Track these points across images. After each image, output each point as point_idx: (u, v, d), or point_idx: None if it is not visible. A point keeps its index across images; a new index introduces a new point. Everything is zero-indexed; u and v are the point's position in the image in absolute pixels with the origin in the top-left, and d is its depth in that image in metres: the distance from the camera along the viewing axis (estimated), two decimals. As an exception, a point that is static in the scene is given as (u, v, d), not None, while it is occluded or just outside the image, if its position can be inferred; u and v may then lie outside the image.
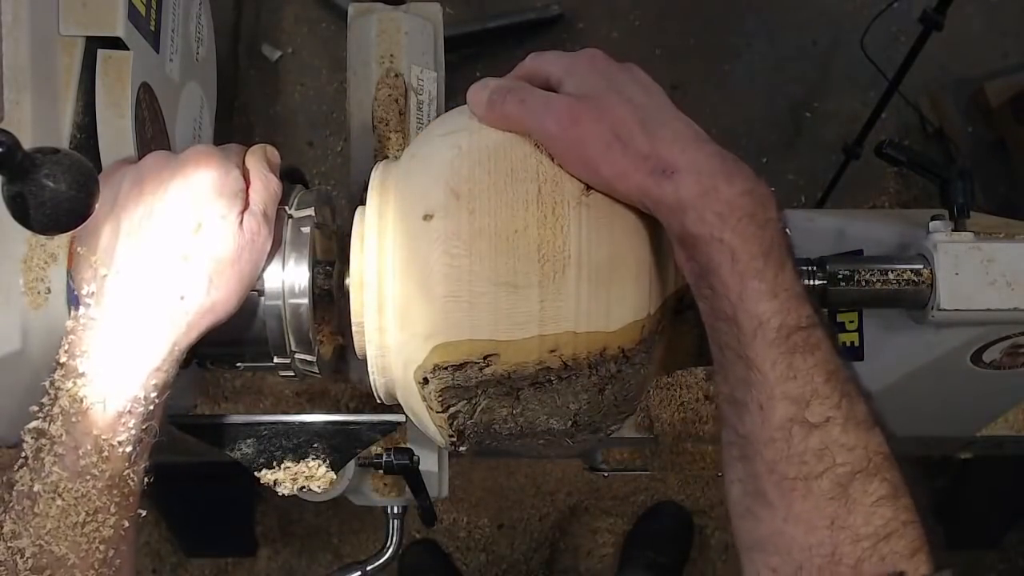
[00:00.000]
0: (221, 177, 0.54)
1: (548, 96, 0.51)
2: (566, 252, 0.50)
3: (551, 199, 0.50)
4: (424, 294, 0.51)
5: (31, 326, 0.57)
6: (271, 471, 0.65)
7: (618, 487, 1.73)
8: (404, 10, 0.82)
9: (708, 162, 0.47)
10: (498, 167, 0.51)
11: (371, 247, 0.54)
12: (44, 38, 0.60)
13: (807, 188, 1.80)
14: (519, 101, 0.51)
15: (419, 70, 0.79)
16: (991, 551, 1.72)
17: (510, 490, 1.74)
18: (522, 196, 0.50)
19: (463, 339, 0.51)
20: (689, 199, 0.47)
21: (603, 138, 0.49)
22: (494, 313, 0.50)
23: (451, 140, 0.54)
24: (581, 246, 0.50)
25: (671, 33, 1.85)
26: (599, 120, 0.49)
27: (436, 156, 0.53)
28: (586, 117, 0.49)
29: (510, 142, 0.52)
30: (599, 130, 0.49)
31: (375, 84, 0.77)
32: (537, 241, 0.50)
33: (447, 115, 0.58)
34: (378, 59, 0.78)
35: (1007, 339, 0.74)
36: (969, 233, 0.70)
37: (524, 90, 0.52)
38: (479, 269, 0.50)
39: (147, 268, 0.51)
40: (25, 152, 0.43)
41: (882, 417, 0.48)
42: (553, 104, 0.50)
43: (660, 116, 0.50)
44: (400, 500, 0.83)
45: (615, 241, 0.51)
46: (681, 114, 0.51)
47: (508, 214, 0.50)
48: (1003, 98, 1.74)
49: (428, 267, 0.51)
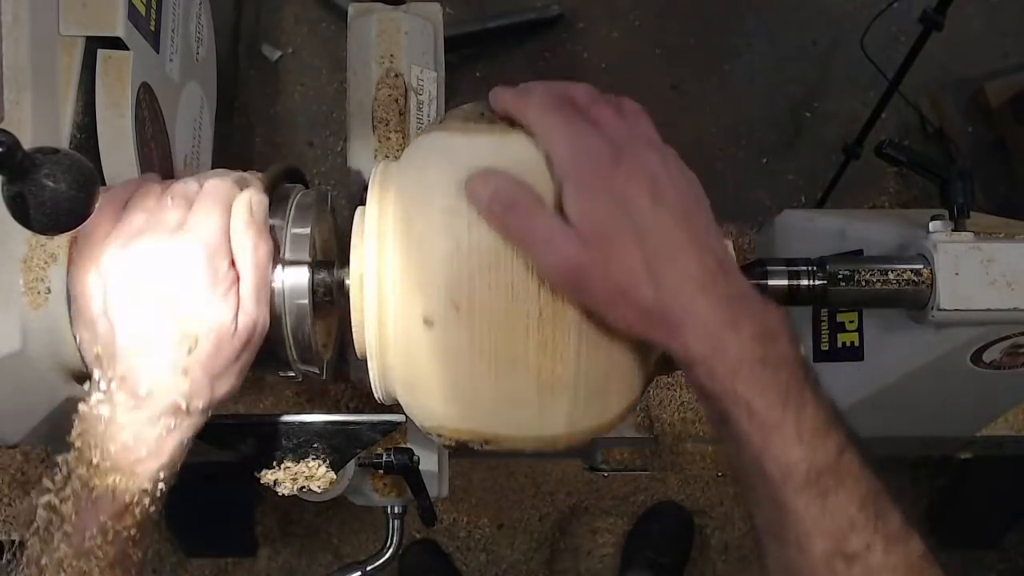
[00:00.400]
0: (210, 279, 0.52)
1: (552, 230, 0.48)
2: (564, 379, 0.51)
3: (551, 325, 0.50)
4: (425, 391, 0.54)
5: (31, 326, 0.57)
6: (271, 471, 0.65)
7: (618, 487, 1.73)
8: (404, 10, 0.82)
9: (713, 314, 0.46)
10: (499, 281, 0.50)
11: (371, 247, 0.54)
12: (44, 38, 0.60)
13: (807, 188, 1.80)
14: (522, 225, 0.48)
15: (419, 70, 0.79)
16: (991, 551, 1.72)
17: (510, 490, 1.74)
18: (523, 319, 0.50)
19: (464, 428, 0.54)
20: (697, 357, 0.46)
21: (607, 294, 0.47)
22: (494, 416, 0.53)
23: (450, 226, 0.51)
24: (579, 371, 0.51)
25: (671, 33, 1.85)
26: (604, 276, 0.47)
27: (434, 242, 0.51)
28: (590, 270, 0.47)
29: (511, 252, 0.50)
30: (603, 286, 0.47)
31: (375, 84, 0.77)
32: (536, 367, 0.51)
33: (446, 157, 0.54)
34: (378, 59, 0.78)
35: (1007, 339, 0.74)
36: (969, 233, 0.69)
37: (528, 209, 0.49)
38: (479, 384, 0.52)
39: (150, 378, 0.51)
40: (25, 152, 0.43)
41: (910, 519, 0.48)
42: (558, 245, 0.47)
43: (669, 248, 0.47)
44: (400, 500, 0.83)
45: (613, 361, 0.52)
46: (694, 232, 0.48)
47: (508, 337, 0.50)
48: (1003, 98, 1.74)
49: (428, 371, 0.53)
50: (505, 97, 0.53)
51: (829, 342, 0.88)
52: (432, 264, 0.51)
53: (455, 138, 0.54)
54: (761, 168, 1.82)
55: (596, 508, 1.74)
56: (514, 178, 0.50)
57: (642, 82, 1.81)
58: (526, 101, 0.51)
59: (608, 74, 1.82)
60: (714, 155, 1.81)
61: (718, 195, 0.61)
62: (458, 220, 0.51)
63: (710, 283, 0.46)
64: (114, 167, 0.66)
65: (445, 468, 0.84)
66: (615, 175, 0.47)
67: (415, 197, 0.53)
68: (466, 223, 0.50)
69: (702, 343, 0.46)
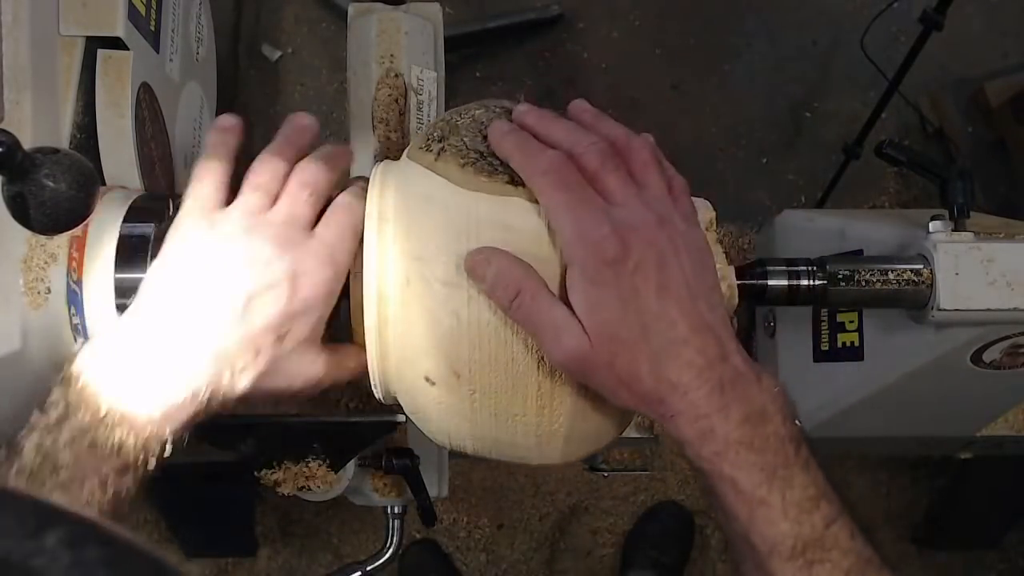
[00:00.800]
0: (321, 292, 0.54)
1: (557, 321, 0.48)
2: (562, 432, 0.53)
3: (550, 394, 0.52)
4: (425, 420, 0.57)
5: (31, 326, 0.57)
6: (271, 471, 0.65)
7: (618, 487, 1.73)
8: (404, 10, 0.82)
9: (706, 401, 0.48)
10: (498, 356, 0.51)
11: (371, 247, 0.54)
12: (44, 38, 0.60)
13: (807, 188, 1.80)
14: (526, 314, 0.49)
15: (419, 70, 0.79)
16: (991, 551, 1.72)
17: (510, 490, 1.74)
18: (521, 391, 0.52)
19: (463, 447, 0.57)
20: (687, 438, 0.49)
21: (609, 382, 0.49)
22: (493, 447, 0.56)
23: (449, 300, 0.51)
24: (575, 425, 0.53)
25: (671, 33, 1.85)
26: (608, 368, 0.48)
27: (435, 314, 0.51)
28: (595, 363, 0.48)
29: (511, 330, 0.51)
30: (607, 375, 0.48)
31: (375, 84, 0.77)
32: (535, 424, 0.53)
33: (445, 214, 0.52)
34: (378, 59, 0.78)
35: (1007, 339, 0.74)
36: (969, 233, 0.69)
37: (533, 296, 0.49)
38: (479, 428, 0.54)
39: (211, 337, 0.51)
40: (25, 152, 0.43)
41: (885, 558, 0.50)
42: (563, 339, 0.48)
43: (673, 342, 0.48)
44: (400, 500, 0.83)
45: (606, 416, 0.54)
46: (698, 317, 0.48)
47: (508, 401, 0.52)
48: (1003, 98, 1.74)
49: (430, 414, 0.55)
50: (510, 150, 0.51)
51: (829, 342, 0.88)
52: (431, 334, 0.51)
53: (454, 193, 0.52)
54: (761, 168, 1.81)
55: (596, 508, 1.74)
56: (516, 260, 0.49)
57: (642, 82, 1.81)
58: (532, 166, 0.50)
59: (608, 74, 1.82)
60: (714, 155, 1.80)
61: (718, 195, 0.60)
62: (458, 294, 0.51)
63: (707, 370, 0.48)
64: (114, 167, 0.66)
65: (445, 468, 0.84)
66: (622, 267, 0.47)
67: (414, 257, 0.52)
68: (466, 297, 0.50)
69: (692, 428, 0.48)
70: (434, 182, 0.53)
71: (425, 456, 0.78)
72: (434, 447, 0.80)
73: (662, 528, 1.70)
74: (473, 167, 0.52)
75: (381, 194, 0.55)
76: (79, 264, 0.57)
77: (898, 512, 1.71)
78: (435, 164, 0.53)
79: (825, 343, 0.88)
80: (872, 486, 1.71)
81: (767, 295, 0.66)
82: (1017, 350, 0.76)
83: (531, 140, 0.51)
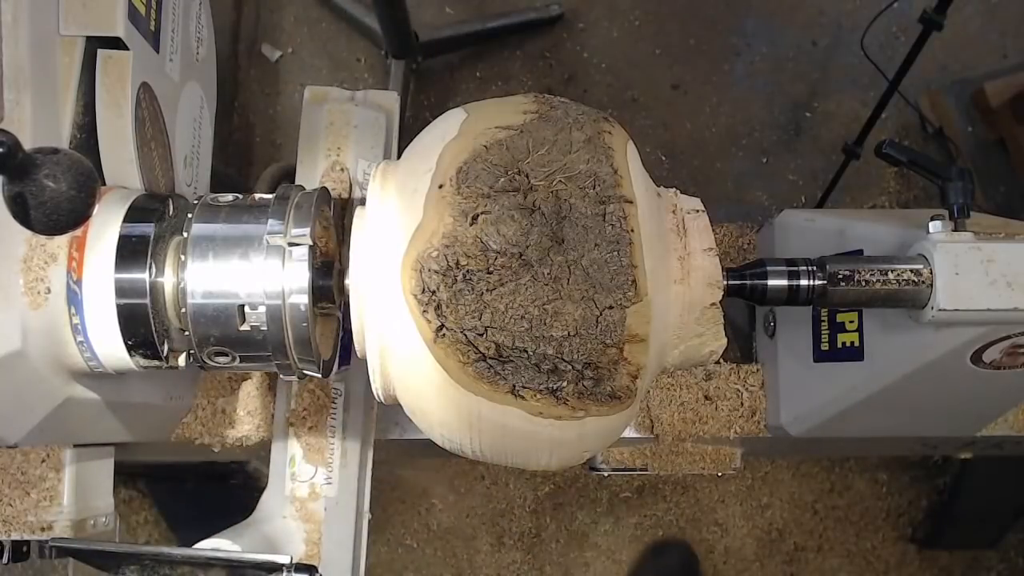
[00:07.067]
0: None
1: None
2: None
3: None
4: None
5: (31, 326, 0.57)
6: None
7: (618, 487, 1.73)
8: (358, 102, 0.82)
9: None
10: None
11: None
12: (44, 38, 0.60)
13: (807, 188, 1.80)
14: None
15: (367, 164, 0.80)
16: (991, 551, 1.72)
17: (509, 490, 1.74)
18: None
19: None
20: None
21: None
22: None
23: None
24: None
25: (671, 33, 1.85)
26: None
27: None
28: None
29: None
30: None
31: (320, 176, 0.78)
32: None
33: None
34: (325, 151, 0.79)
35: (1007, 339, 0.74)
36: (969, 233, 0.69)
37: None
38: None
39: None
40: (25, 152, 0.43)
41: None
42: None
43: None
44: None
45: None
46: None
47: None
48: (1003, 98, 1.74)
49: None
50: None
51: (829, 342, 0.88)
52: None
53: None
54: (761, 168, 1.81)
55: (596, 508, 1.74)
56: None
57: (642, 82, 1.81)
58: None
59: (608, 74, 1.82)
60: (714, 155, 1.80)
61: (718, 195, 0.60)
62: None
63: None
64: (114, 167, 0.66)
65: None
66: None
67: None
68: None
69: None
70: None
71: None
72: (349, 557, 0.80)
73: (668, 567, 1.70)
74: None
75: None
76: (79, 264, 0.57)
77: (898, 512, 1.71)
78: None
79: (825, 343, 0.88)
80: (872, 486, 1.71)
81: (767, 295, 0.66)
82: (1017, 350, 0.76)
83: None
